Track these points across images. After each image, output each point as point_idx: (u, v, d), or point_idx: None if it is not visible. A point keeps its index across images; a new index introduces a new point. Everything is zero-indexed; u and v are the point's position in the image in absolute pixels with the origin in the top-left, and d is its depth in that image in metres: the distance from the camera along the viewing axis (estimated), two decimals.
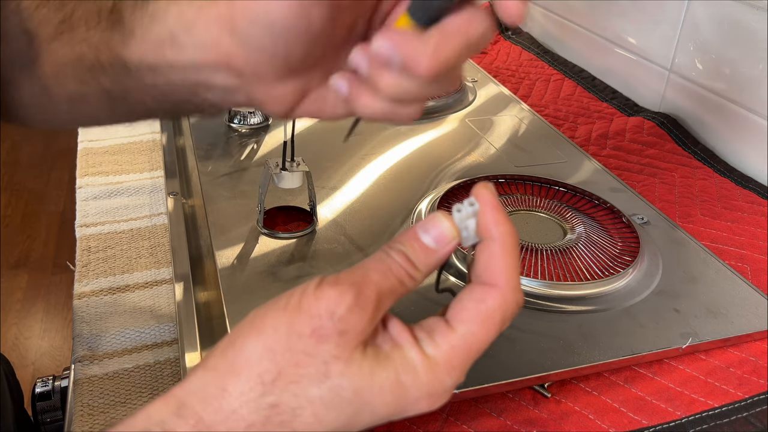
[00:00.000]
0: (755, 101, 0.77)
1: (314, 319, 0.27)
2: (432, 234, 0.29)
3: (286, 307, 0.27)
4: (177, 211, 0.64)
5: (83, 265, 0.61)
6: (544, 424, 0.45)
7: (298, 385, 0.27)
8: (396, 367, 0.27)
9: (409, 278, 0.29)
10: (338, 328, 0.27)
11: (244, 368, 0.27)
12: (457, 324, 0.28)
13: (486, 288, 0.29)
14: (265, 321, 0.27)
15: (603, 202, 0.65)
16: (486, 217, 0.30)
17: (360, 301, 0.27)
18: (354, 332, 0.27)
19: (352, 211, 0.63)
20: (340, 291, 0.27)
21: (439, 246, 0.29)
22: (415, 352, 0.28)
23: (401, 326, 0.29)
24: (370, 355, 0.27)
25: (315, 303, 0.27)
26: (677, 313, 0.53)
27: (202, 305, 0.54)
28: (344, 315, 0.27)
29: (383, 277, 0.28)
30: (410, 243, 0.29)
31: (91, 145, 0.80)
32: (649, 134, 0.84)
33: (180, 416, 0.27)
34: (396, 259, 0.29)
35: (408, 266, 0.29)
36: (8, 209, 2.31)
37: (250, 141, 0.76)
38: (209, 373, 0.28)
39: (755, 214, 0.69)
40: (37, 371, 1.67)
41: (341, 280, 0.27)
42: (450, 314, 0.29)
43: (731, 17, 0.79)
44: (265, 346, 0.27)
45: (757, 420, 0.46)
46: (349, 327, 0.27)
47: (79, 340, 0.52)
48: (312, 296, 0.27)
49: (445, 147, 0.77)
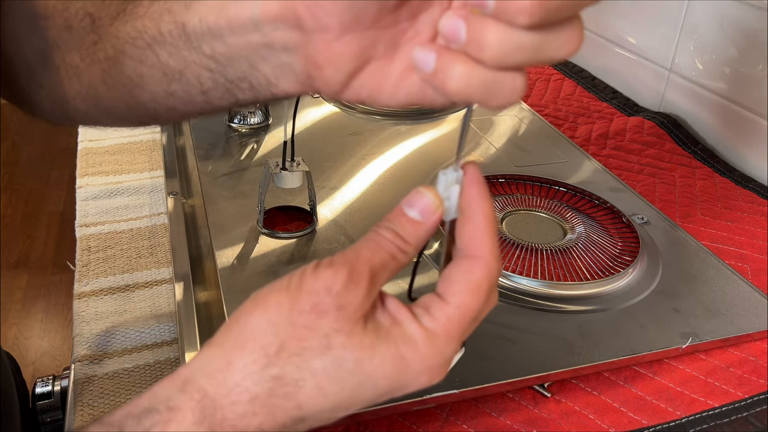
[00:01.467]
0: (755, 101, 0.77)
1: (312, 295, 0.28)
2: (417, 207, 0.30)
3: (288, 287, 0.28)
4: (177, 211, 0.64)
5: (83, 265, 0.61)
6: (544, 424, 0.45)
7: (301, 358, 0.27)
8: (396, 341, 0.28)
9: (401, 252, 0.30)
10: (336, 303, 0.28)
11: (248, 341, 0.28)
12: (450, 296, 0.29)
13: (472, 260, 0.30)
14: (268, 298, 0.28)
15: (603, 202, 0.65)
16: (472, 192, 0.30)
17: (354, 276, 0.28)
18: (352, 307, 0.28)
19: (352, 211, 0.63)
20: (335, 269, 0.28)
21: (424, 217, 0.30)
22: (414, 326, 0.29)
23: (399, 304, 0.30)
24: (371, 329, 0.28)
25: (313, 281, 0.28)
26: (677, 313, 0.53)
27: (202, 305, 0.54)
28: (340, 290, 0.28)
29: (374, 253, 0.29)
30: (397, 219, 0.30)
31: (91, 145, 0.80)
32: (649, 134, 0.84)
33: (184, 392, 0.28)
34: (385, 235, 0.30)
35: (398, 240, 0.30)
36: (8, 209, 2.31)
37: (250, 141, 0.76)
38: (214, 349, 0.29)
39: (755, 214, 0.69)
40: (37, 371, 1.67)
41: (335, 260, 0.28)
42: (441, 289, 0.30)
43: (731, 17, 0.79)
44: (269, 321, 0.28)
45: (757, 420, 0.46)
46: (346, 302, 0.28)
47: (79, 340, 0.52)
48: (311, 276, 0.28)
49: (445, 147, 0.77)
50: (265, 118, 0.80)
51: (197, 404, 0.27)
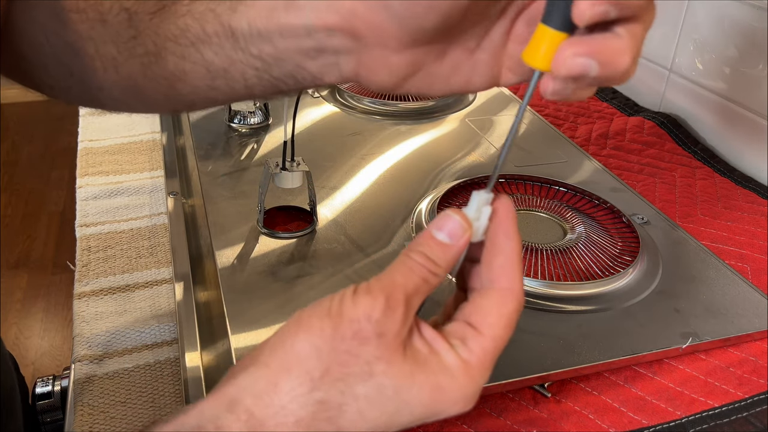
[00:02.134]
0: (755, 101, 0.77)
1: (354, 322, 0.28)
2: (445, 230, 0.31)
3: (329, 312, 0.29)
4: (177, 210, 0.64)
5: (83, 264, 0.61)
6: (544, 424, 0.45)
7: (344, 383, 0.28)
8: (435, 371, 0.29)
9: (432, 275, 0.30)
10: (376, 330, 0.28)
11: (294, 365, 0.28)
12: (485, 329, 0.30)
13: (504, 292, 0.31)
14: (312, 322, 0.29)
15: (603, 202, 0.65)
16: (505, 224, 0.31)
17: (391, 303, 0.29)
18: (391, 334, 0.29)
19: (352, 211, 0.63)
20: (373, 297, 0.29)
21: (453, 240, 0.31)
22: (452, 356, 0.29)
23: (434, 332, 0.30)
24: (410, 357, 0.29)
25: (353, 308, 0.29)
26: (677, 313, 0.53)
27: (202, 305, 0.54)
28: (379, 318, 0.28)
29: (407, 279, 0.30)
30: (426, 242, 0.31)
31: (91, 144, 0.80)
32: (649, 134, 0.84)
33: (232, 412, 0.28)
34: (416, 259, 0.30)
35: (428, 264, 0.30)
36: (8, 209, 2.31)
37: (250, 141, 0.76)
38: (261, 369, 0.29)
39: (755, 214, 0.69)
40: (37, 371, 1.67)
41: (372, 287, 0.29)
42: (475, 320, 0.31)
43: (731, 17, 0.79)
44: (314, 345, 0.28)
45: (757, 420, 0.46)
46: (386, 329, 0.28)
47: (79, 340, 0.52)
48: (350, 302, 0.29)
49: (445, 147, 0.77)
50: (265, 118, 0.80)
51: (244, 424, 0.28)
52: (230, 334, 0.48)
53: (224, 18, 0.33)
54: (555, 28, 0.29)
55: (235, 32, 0.33)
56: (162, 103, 0.38)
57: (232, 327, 0.48)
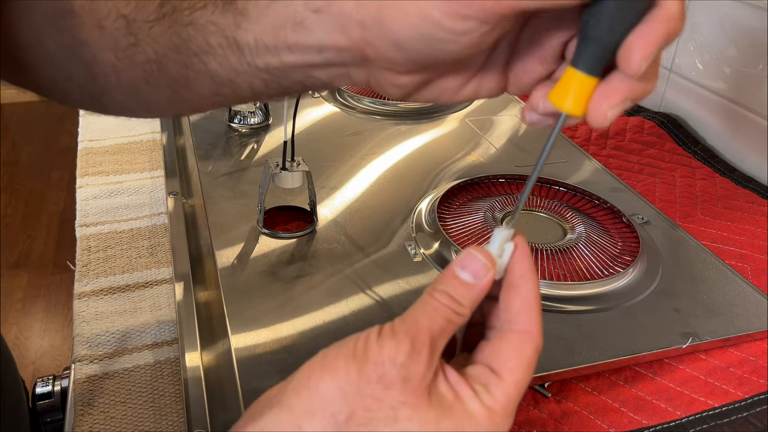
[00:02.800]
0: (755, 101, 0.77)
1: (379, 366, 0.28)
2: (469, 269, 0.31)
3: (355, 354, 0.28)
4: (177, 210, 0.64)
5: (83, 264, 0.61)
6: (544, 424, 0.45)
7: (369, 428, 0.28)
8: (460, 417, 0.29)
9: (456, 315, 0.30)
10: (401, 374, 0.28)
11: (318, 407, 0.28)
12: (506, 374, 0.30)
13: (523, 335, 0.31)
14: (337, 363, 0.28)
15: (603, 202, 0.65)
16: (524, 265, 0.31)
17: (416, 346, 0.28)
18: (416, 378, 0.28)
19: (352, 211, 0.63)
20: (398, 340, 0.28)
21: (477, 280, 0.30)
22: (476, 403, 0.29)
23: (458, 377, 0.30)
24: (435, 403, 0.29)
25: (378, 352, 0.28)
26: (677, 313, 0.53)
27: (202, 305, 0.54)
28: (405, 362, 0.28)
29: (432, 321, 0.29)
30: (450, 282, 0.30)
31: (91, 144, 0.80)
32: (649, 134, 0.84)
33: None
34: (440, 299, 0.30)
35: (453, 304, 0.30)
36: (8, 209, 2.31)
37: (250, 141, 0.76)
38: (284, 411, 0.28)
39: (755, 214, 0.69)
40: (37, 371, 1.68)
41: (397, 329, 0.29)
42: (497, 365, 0.30)
43: (731, 17, 0.79)
44: (338, 387, 0.28)
45: (757, 420, 0.46)
46: (411, 373, 0.28)
47: (79, 340, 0.52)
48: (375, 345, 0.28)
49: (445, 147, 0.77)
50: (265, 118, 0.80)
51: None
52: (230, 334, 0.48)
53: (228, 32, 0.32)
54: (585, 72, 0.29)
55: (240, 46, 0.32)
56: (166, 108, 0.38)
57: (232, 327, 0.48)
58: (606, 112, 0.29)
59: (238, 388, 0.44)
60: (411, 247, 0.58)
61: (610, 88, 0.28)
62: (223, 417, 0.44)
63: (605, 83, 0.29)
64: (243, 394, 0.43)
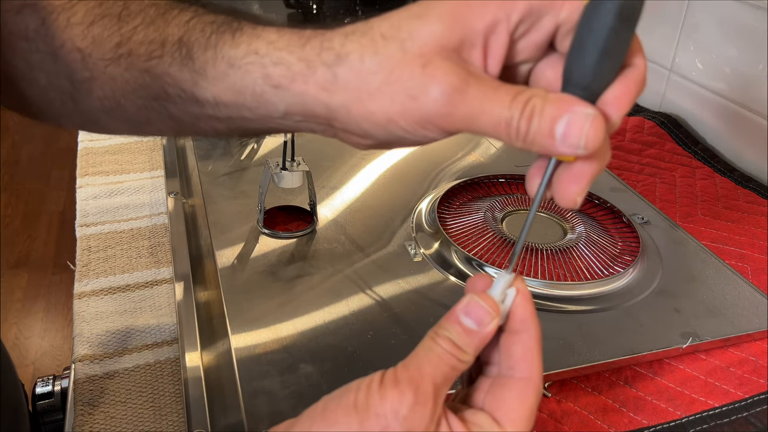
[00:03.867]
0: (755, 101, 0.77)
1: (381, 418, 0.27)
2: (472, 316, 0.30)
3: (356, 406, 0.28)
4: (177, 210, 0.64)
5: (83, 264, 0.61)
6: (544, 424, 0.45)
7: None
8: None
9: (459, 362, 0.30)
10: (404, 426, 0.27)
11: None
12: (510, 426, 0.30)
13: (525, 383, 0.30)
14: (337, 414, 0.28)
15: (603, 202, 0.65)
16: (526, 309, 0.31)
17: (420, 397, 0.28)
18: (419, 430, 0.28)
19: (352, 211, 0.63)
20: (400, 390, 0.28)
21: (480, 328, 0.30)
22: None
23: (461, 425, 0.29)
24: None
25: (380, 403, 0.28)
26: (677, 313, 0.53)
27: (202, 305, 0.54)
28: (408, 414, 0.27)
29: (435, 368, 0.29)
30: (453, 327, 0.30)
31: (92, 144, 0.80)
32: (649, 134, 0.84)
33: None
34: (443, 346, 0.30)
35: (455, 351, 0.29)
36: (8, 209, 2.31)
37: (250, 141, 0.76)
38: None
39: (755, 214, 0.69)
40: (37, 371, 1.67)
41: (400, 378, 0.28)
42: (499, 415, 0.30)
43: (731, 17, 0.79)
44: None
45: (757, 420, 0.46)
46: (414, 425, 0.27)
47: (80, 340, 0.52)
48: (377, 395, 0.28)
49: (445, 147, 0.77)
50: None
51: None
52: (230, 334, 0.48)
53: (185, 86, 0.31)
54: None
55: (199, 100, 0.32)
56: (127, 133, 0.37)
57: (232, 327, 0.48)
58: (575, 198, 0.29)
59: (238, 388, 0.44)
60: (411, 247, 0.58)
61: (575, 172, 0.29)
62: (223, 417, 0.44)
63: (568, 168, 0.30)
64: (243, 394, 0.43)
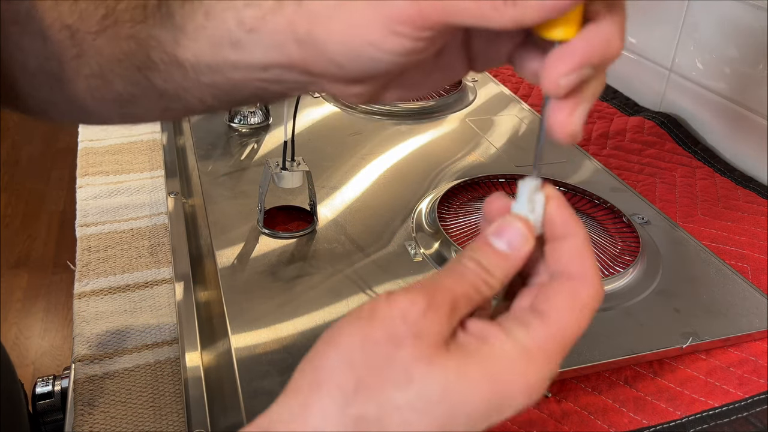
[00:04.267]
0: (755, 101, 0.77)
1: (387, 323, 0.25)
2: (505, 238, 0.27)
3: (359, 316, 0.26)
4: (177, 210, 0.64)
5: (83, 264, 0.61)
6: (544, 424, 0.45)
7: (382, 394, 0.25)
8: (487, 361, 0.25)
9: (485, 284, 0.27)
10: (412, 331, 0.25)
11: (323, 381, 0.25)
12: (553, 313, 0.26)
13: (576, 282, 0.27)
14: (340, 334, 0.26)
15: (603, 202, 0.65)
16: (565, 212, 0.28)
17: (433, 304, 0.25)
18: (429, 335, 0.25)
19: (352, 211, 0.63)
20: (412, 297, 0.26)
21: (513, 251, 0.27)
22: (508, 344, 0.26)
23: (483, 323, 0.26)
24: (455, 352, 0.25)
25: (387, 309, 0.25)
26: (677, 313, 0.53)
27: (202, 305, 0.54)
28: (417, 318, 0.25)
29: (456, 283, 0.26)
30: (482, 249, 0.27)
31: (92, 144, 0.80)
32: (649, 134, 0.84)
33: None
34: (468, 265, 0.27)
35: (482, 272, 0.27)
36: (8, 209, 2.31)
37: (250, 141, 0.76)
38: (289, 395, 0.26)
39: (755, 213, 0.69)
40: (37, 371, 1.67)
41: (412, 288, 0.26)
42: (543, 307, 0.27)
43: (731, 17, 0.79)
44: (342, 358, 0.25)
45: (757, 420, 0.46)
46: (424, 329, 0.25)
47: (80, 340, 0.52)
48: (384, 303, 0.26)
49: (445, 147, 0.77)
50: (266, 117, 0.80)
51: None
52: (230, 334, 0.48)
53: (168, 48, 0.31)
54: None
55: (181, 62, 0.31)
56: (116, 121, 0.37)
57: (232, 327, 0.48)
58: (558, 80, 0.26)
59: (238, 388, 0.44)
60: (411, 247, 0.58)
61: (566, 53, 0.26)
62: (224, 417, 0.44)
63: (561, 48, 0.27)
64: (243, 394, 0.43)
